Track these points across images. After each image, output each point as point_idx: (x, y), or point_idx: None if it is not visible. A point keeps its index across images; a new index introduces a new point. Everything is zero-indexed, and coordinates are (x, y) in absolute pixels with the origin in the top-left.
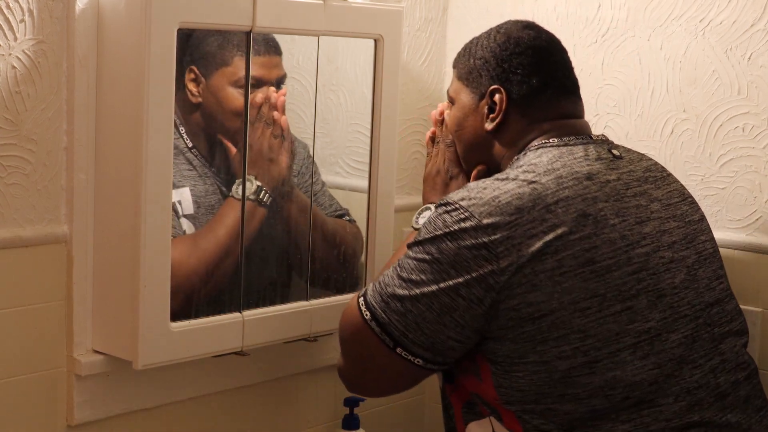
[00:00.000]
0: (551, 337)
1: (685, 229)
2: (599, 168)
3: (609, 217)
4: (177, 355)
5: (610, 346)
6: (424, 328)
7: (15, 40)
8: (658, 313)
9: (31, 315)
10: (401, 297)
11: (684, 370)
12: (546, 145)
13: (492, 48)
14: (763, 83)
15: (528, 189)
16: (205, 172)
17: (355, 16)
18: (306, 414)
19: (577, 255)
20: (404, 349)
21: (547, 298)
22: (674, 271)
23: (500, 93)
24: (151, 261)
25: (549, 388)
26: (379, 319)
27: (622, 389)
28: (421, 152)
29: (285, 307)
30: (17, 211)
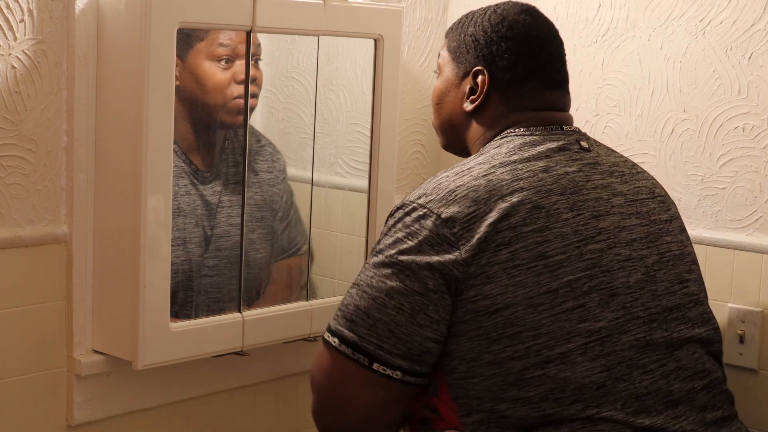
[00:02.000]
0: (506, 335)
1: (649, 228)
2: (558, 159)
3: (562, 211)
4: (177, 355)
5: (562, 345)
6: (399, 334)
7: (15, 40)
8: (610, 313)
9: (31, 315)
10: (366, 308)
11: (634, 374)
12: (509, 134)
13: (484, 27)
14: (763, 83)
15: (483, 181)
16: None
17: (355, 16)
18: (306, 414)
19: (529, 248)
20: (381, 363)
21: (502, 291)
22: (629, 270)
23: (483, 75)
24: (151, 261)
25: (503, 393)
26: (348, 340)
27: (571, 392)
28: (422, 152)
29: (285, 307)
30: (17, 211)
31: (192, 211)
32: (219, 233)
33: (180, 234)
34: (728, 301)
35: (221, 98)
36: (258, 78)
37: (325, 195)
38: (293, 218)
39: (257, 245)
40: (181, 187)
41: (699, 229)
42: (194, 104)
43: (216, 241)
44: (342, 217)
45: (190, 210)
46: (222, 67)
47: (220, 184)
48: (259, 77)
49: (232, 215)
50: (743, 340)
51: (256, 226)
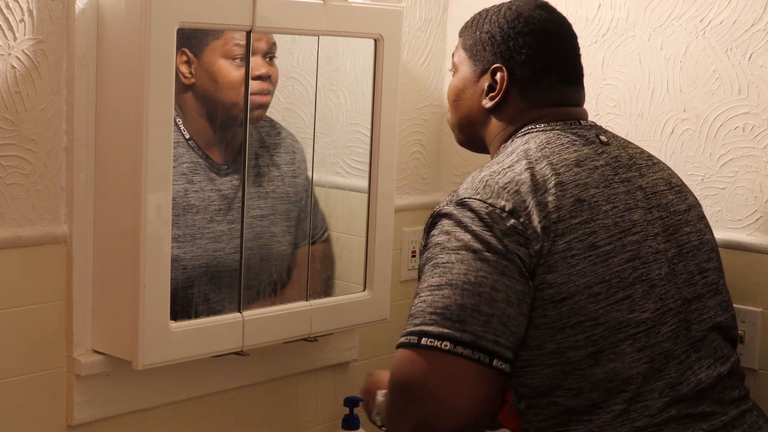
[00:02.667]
0: (569, 324)
1: (668, 220)
2: (587, 153)
3: (601, 203)
4: (177, 355)
5: (614, 335)
6: (511, 326)
7: (15, 40)
8: (652, 304)
9: (31, 315)
10: (474, 305)
11: (669, 365)
12: (532, 131)
13: (500, 23)
14: (763, 83)
15: (527, 175)
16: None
17: (355, 16)
18: (306, 414)
19: (581, 238)
20: (500, 359)
21: (564, 281)
22: (660, 263)
23: (502, 72)
24: (151, 261)
25: (560, 381)
26: (464, 341)
27: (619, 383)
28: (422, 152)
29: (285, 307)
30: (17, 211)
31: (206, 207)
32: (237, 227)
33: (191, 231)
34: None
35: (235, 96)
36: (273, 75)
37: (325, 195)
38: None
39: (279, 238)
40: (196, 183)
41: None
42: (210, 101)
43: (237, 235)
44: (342, 217)
45: (205, 206)
46: (237, 65)
47: (237, 178)
48: (274, 74)
49: (252, 208)
50: (743, 340)
51: (279, 219)
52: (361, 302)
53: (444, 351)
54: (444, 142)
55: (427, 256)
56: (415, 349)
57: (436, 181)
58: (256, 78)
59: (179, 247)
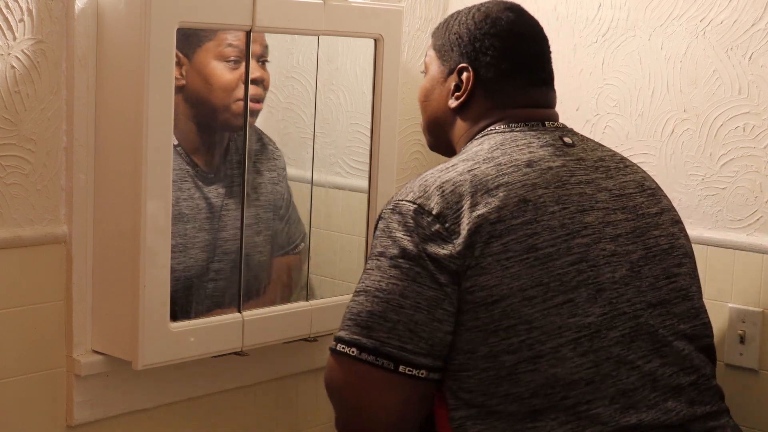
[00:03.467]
0: (502, 327)
1: (635, 222)
2: (542, 155)
3: (548, 204)
4: (177, 355)
5: (553, 340)
6: (420, 332)
7: (14, 40)
8: (598, 308)
9: (31, 315)
10: (382, 312)
11: (621, 370)
12: (490, 132)
13: (468, 25)
14: (763, 83)
15: (468, 176)
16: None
17: (355, 15)
18: (306, 414)
19: (520, 240)
20: (406, 365)
21: (497, 283)
22: (615, 265)
23: (468, 72)
24: (151, 261)
25: (495, 387)
26: (368, 348)
27: (560, 388)
28: (421, 152)
29: (285, 307)
30: (17, 211)
31: (195, 215)
32: (224, 236)
33: (182, 240)
34: (728, 301)
35: (227, 98)
36: (265, 79)
37: (325, 195)
38: (292, 216)
39: (261, 247)
40: (185, 191)
41: (699, 229)
42: (200, 104)
43: (222, 244)
44: (342, 217)
45: (193, 214)
46: (230, 67)
47: (223, 186)
48: (266, 78)
49: (238, 217)
50: (743, 340)
51: (262, 228)
52: None
53: (351, 357)
54: None
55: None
56: (333, 354)
57: None
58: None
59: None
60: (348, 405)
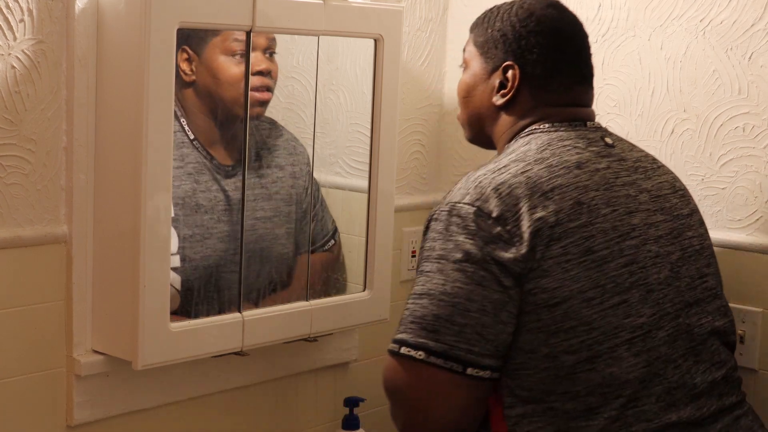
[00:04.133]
0: (563, 328)
1: (672, 224)
2: (588, 156)
3: (600, 207)
4: (177, 356)
5: (610, 340)
6: (487, 335)
7: (14, 40)
8: (648, 309)
9: (31, 315)
10: (448, 316)
11: (668, 369)
12: (536, 131)
13: (512, 21)
14: (763, 83)
15: (523, 178)
16: (200, 168)
17: (355, 16)
18: (306, 414)
19: (578, 243)
20: (474, 367)
21: (558, 285)
22: (660, 266)
23: (514, 69)
24: (151, 261)
25: (555, 385)
26: (436, 351)
27: (616, 387)
28: (422, 152)
29: (285, 307)
30: (17, 211)
31: (213, 207)
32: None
33: (199, 230)
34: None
35: (236, 92)
36: (273, 71)
37: (325, 195)
38: (319, 212)
39: (283, 240)
40: (202, 183)
41: None
42: (211, 98)
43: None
44: (342, 217)
45: (211, 205)
46: (237, 61)
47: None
48: (274, 70)
49: (256, 209)
50: (743, 340)
51: (284, 221)
52: (361, 302)
53: (418, 360)
54: (444, 142)
55: (418, 261)
56: (396, 357)
57: (436, 181)
58: (256, 73)
59: (190, 247)
60: (413, 407)
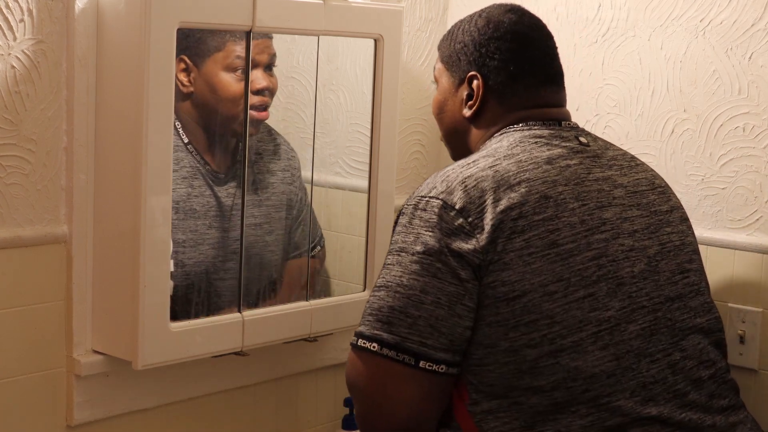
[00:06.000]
0: (523, 322)
1: (649, 219)
2: (560, 152)
3: (569, 201)
4: (177, 356)
5: (574, 334)
6: (440, 328)
7: (14, 40)
8: (618, 302)
9: (31, 315)
10: (403, 308)
11: (641, 363)
12: (509, 130)
13: (471, 32)
14: (763, 83)
15: (490, 172)
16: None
17: (355, 16)
18: (306, 414)
19: (542, 236)
20: (426, 360)
21: (519, 278)
22: (633, 260)
23: (477, 79)
24: (151, 261)
25: (517, 380)
26: (389, 343)
27: (582, 381)
28: (422, 152)
29: (285, 307)
30: (17, 211)
31: (206, 212)
32: (235, 235)
33: (192, 235)
34: (728, 301)
35: (234, 109)
36: (272, 87)
37: (325, 195)
38: (306, 217)
39: (272, 247)
40: (196, 188)
41: (699, 229)
42: (208, 112)
43: (232, 243)
44: (342, 217)
45: (204, 211)
46: (238, 77)
47: (234, 186)
48: (273, 86)
49: (247, 216)
50: (743, 340)
51: (274, 228)
52: (361, 302)
53: (372, 352)
54: None
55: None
56: (354, 349)
57: None
58: (256, 92)
59: (182, 252)
60: (368, 399)
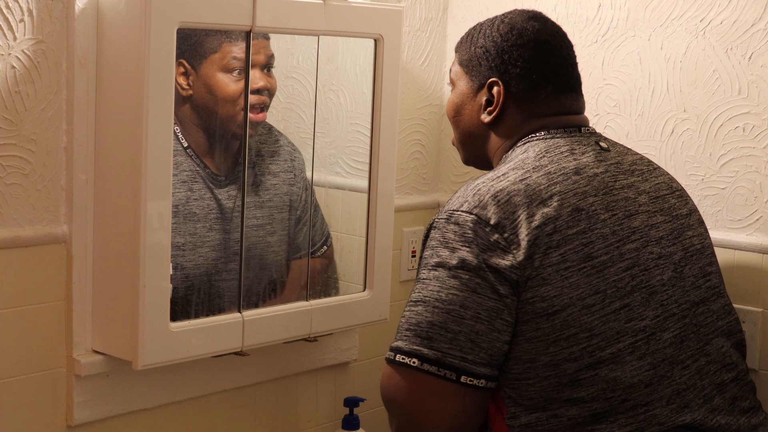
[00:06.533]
0: (563, 336)
1: (672, 224)
2: (586, 161)
3: (599, 212)
4: (176, 356)
5: (612, 345)
6: (481, 343)
7: (14, 40)
8: (651, 311)
9: (31, 315)
10: (442, 323)
11: (675, 370)
12: (532, 139)
13: (494, 37)
14: (763, 83)
15: (522, 186)
16: (193, 176)
17: (355, 16)
18: (306, 414)
19: (577, 250)
20: (468, 375)
21: (557, 293)
22: (662, 267)
23: (498, 86)
24: (151, 261)
25: (557, 393)
26: (430, 358)
27: (621, 391)
28: (422, 152)
29: (285, 307)
30: (17, 211)
31: (206, 215)
32: (236, 237)
33: (191, 238)
34: None
35: (232, 109)
36: (271, 87)
37: (325, 195)
38: (313, 217)
39: (275, 248)
40: (195, 191)
41: None
42: (207, 113)
43: (233, 244)
44: (342, 217)
45: (204, 214)
46: (235, 78)
47: (235, 189)
48: (272, 86)
49: (249, 217)
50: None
51: (277, 229)
52: (361, 302)
53: (412, 367)
54: (444, 142)
55: (418, 269)
56: (392, 364)
57: (436, 181)
58: (254, 92)
59: (182, 255)
60: (408, 414)
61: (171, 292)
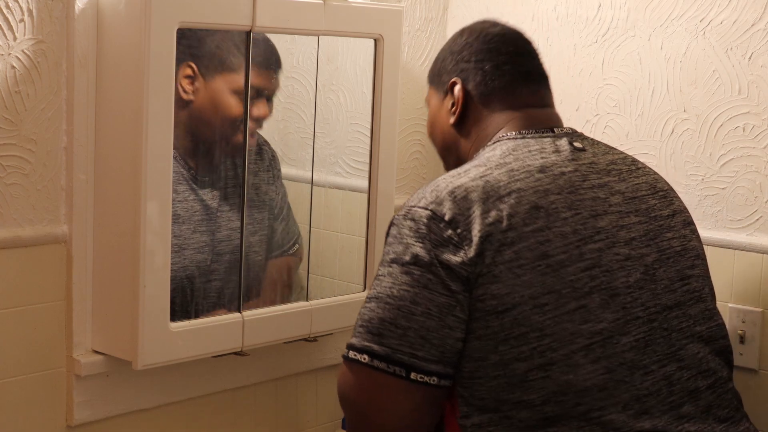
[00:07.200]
0: (513, 335)
1: (648, 225)
2: (554, 160)
3: (561, 210)
4: (176, 356)
5: (565, 347)
6: (431, 339)
7: (14, 40)
8: (611, 314)
9: (31, 315)
10: (393, 319)
11: (635, 375)
12: (502, 139)
13: (449, 45)
14: (763, 83)
15: (481, 182)
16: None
17: (355, 16)
18: (306, 414)
19: (532, 247)
20: (418, 372)
21: (509, 291)
22: (629, 269)
23: (457, 84)
24: (151, 261)
25: (507, 394)
26: (379, 354)
27: (573, 395)
28: (421, 152)
29: (285, 307)
30: (17, 211)
31: (190, 217)
32: (220, 237)
33: (177, 241)
34: (728, 301)
35: (230, 129)
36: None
37: (325, 195)
38: (286, 216)
39: (256, 248)
40: (180, 193)
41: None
42: (203, 122)
43: (217, 245)
44: (342, 217)
45: (188, 216)
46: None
47: (218, 188)
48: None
49: (232, 219)
50: (743, 340)
51: (257, 229)
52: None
53: (363, 364)
54: None
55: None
56: (346, 361)
57: None
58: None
59: None
60: (360, 411)
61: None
